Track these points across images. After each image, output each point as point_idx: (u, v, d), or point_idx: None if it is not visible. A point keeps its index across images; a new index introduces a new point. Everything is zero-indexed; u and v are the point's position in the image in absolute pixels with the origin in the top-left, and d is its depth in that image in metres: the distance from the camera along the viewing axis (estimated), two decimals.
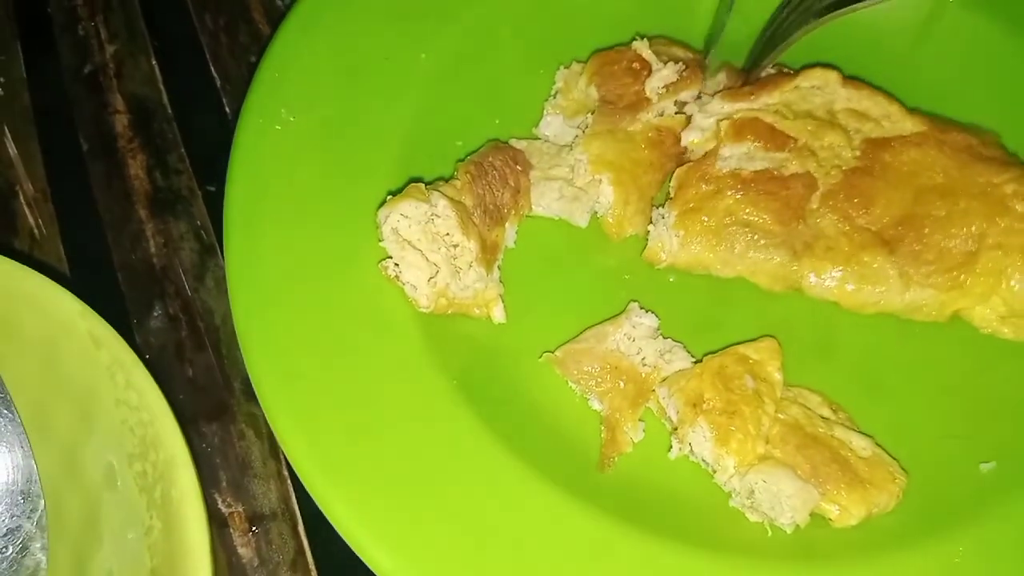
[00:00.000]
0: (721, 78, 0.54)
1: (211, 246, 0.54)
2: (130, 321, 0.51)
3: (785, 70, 0.54)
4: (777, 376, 0.47)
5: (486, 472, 0.43)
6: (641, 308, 0.49)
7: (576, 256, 0.52)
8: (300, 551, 0.46)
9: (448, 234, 0.46)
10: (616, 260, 0.52)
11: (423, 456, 0.43)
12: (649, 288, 0.51)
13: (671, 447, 0.46)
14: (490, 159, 0.50)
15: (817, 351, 0.51)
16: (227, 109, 0.59)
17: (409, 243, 0.46)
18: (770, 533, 0.44)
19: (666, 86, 0.53)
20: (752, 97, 0.52)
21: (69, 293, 0.42)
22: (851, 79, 0.54)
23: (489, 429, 0.45)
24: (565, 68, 0.56)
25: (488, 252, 0.48)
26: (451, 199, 0.47)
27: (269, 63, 0.53)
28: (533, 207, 0.52)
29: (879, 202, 0.50)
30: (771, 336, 0.49)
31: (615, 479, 0.46)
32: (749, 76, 0.54)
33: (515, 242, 0.51)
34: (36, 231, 0.54)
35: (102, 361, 0.42)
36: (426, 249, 0.46)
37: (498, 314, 0.48)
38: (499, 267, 0.50)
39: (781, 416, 0.46)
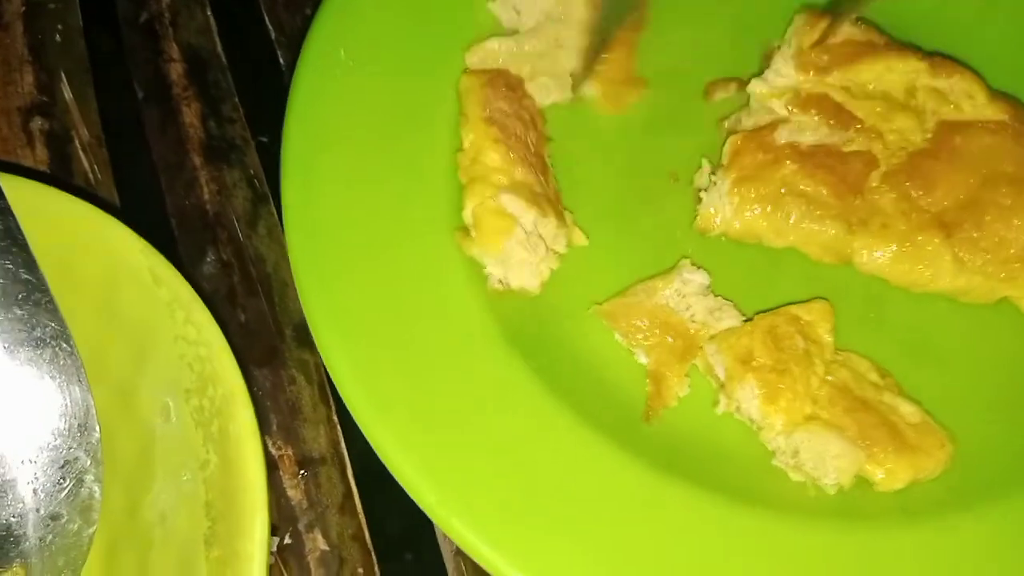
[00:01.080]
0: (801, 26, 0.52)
1: (264, 195, 0.54)
2: (183, 265, 0.52)
3: (869, 35, 0.53)
4: (828, 338, 0.47)
5: (534, 418, 0.44)
6: (692, 265, 0.49)
7: (627, 212, 0.52)
8: (348, 494, 0.46)
9: (532, 221, 0.47)
10: (667, 217, 0.52)
11: (473, 400, 0.43)
12: (700, 247, 0.51)
13: (717, 402, 0.46)
14: (496, 106, 0.49)
15: (867, 319, 0.50)
16: (281, 61, 0.59)
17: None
18: (812, 493, 0.44)
19: None
20: (825, 71, 0.51)
21: (129, 230, 0.43)
22: (939, 57, 0.53)
23: (538, 377, 0.45)
24: None
25: (555, 204, 0.48)
26: (513, 191, 0.46)
27: (329, 7, 0.53)
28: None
29: (942, 185, 0.49)
30: (823, 299, 0.48)
31: (659, 432, 0.46)
32: (830, 27, 0.52)
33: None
34: (91, 175, 0.55)
35: (162, 298, 0.42)
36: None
37: (580, 239, 0.49)
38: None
39: (830, 378, 0.45)
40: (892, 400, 0.46)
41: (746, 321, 0.47)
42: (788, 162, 0.49)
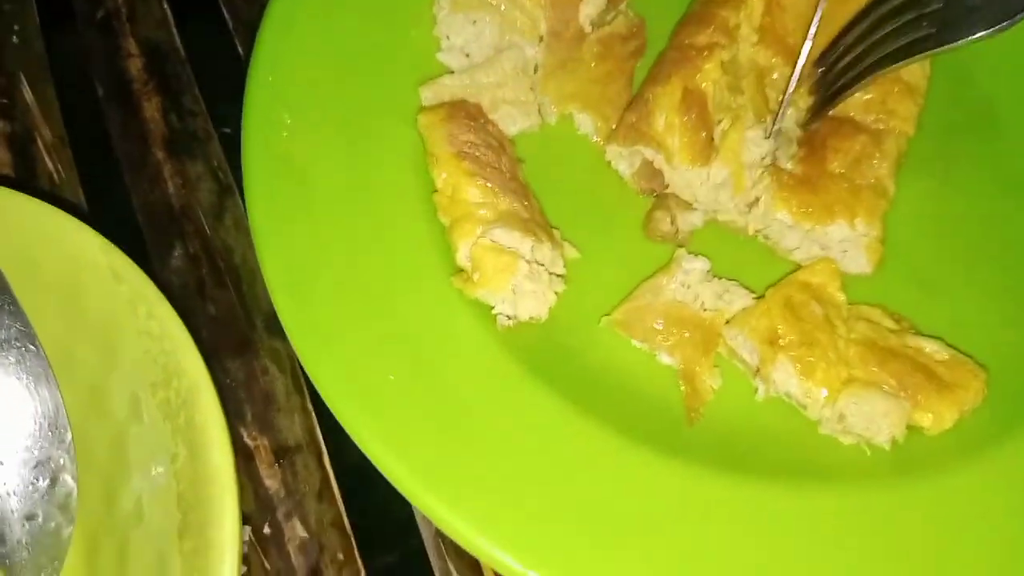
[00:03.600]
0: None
1: (228, 186, 0.54)
2: (151, 260, 0.51)
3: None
4: (840, 296, 0.47)
5: (565, 441, 0.43)
6: (689, 253, 0.48)
7: (608, 217, 0.51)
8: (326, 481, 0.46)
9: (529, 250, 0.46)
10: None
11: (492, 428, 0.43)
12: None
13: (757, 389, 0.46)
14: (463, 139, 0.47)
15: None
16: (240, 51, 0.59)
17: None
18: (868, 452, 0.44)
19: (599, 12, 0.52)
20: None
21: (89, 229, 0.43)
22: None
23: (562, 398, 0.44)
24: None
25: (544, 226, 0.47)
26: (503, 223, 0.45)
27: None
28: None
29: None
30: (825, 257, 0.48)
31: (702, 430, 0.45)
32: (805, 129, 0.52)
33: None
34: (55, 175, 0.54)
35: (123, 294, 0.42)
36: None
37: (572, 252, 0.49)
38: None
39: (852, 336, 0.45)
40: (915, 342, 0.46)
41: (757, 298, 0.47)
42: None
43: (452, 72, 0.52)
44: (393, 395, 0.42)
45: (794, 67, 0.50)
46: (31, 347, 0.42)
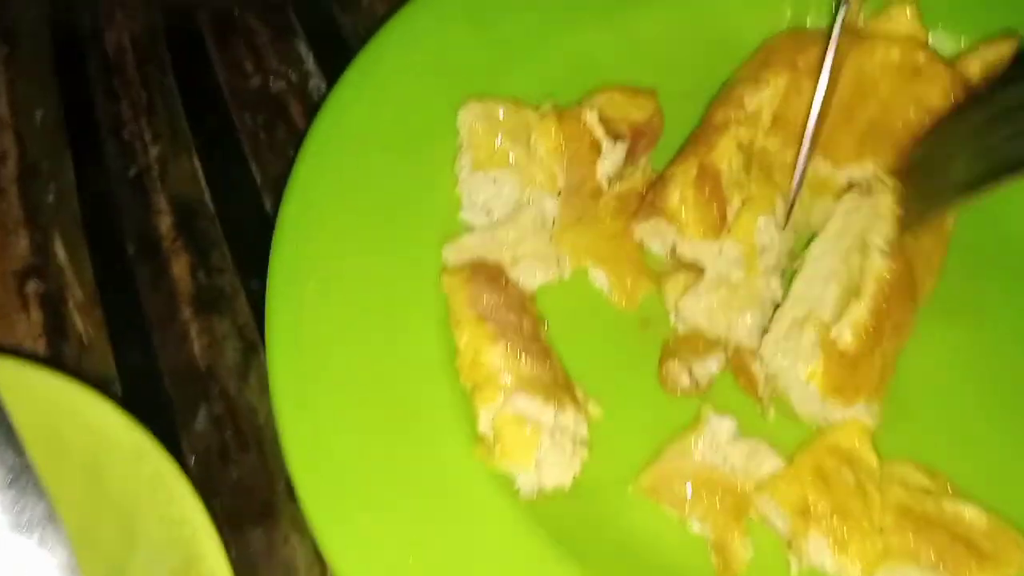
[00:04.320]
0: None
1: (253, 343, 0.54)
2: (176, 425, 0.52)
3: None
4: (872, 458, 0.45)
5: None
6: (715, 411, 0.47)
7: (630, 371, 0.50)
8: None
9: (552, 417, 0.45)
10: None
11: None
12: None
13: (791, 564, 0.44)
14: (484, 301, 0.48)
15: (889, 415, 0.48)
16: (267, 205, 0.60)
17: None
18: None
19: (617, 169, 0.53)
20: None
21: (114, 406, 0.43)
22: None
23: (588, 569, 0.42)
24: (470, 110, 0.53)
25: (568, 389, 0.47)
26: (525, 389, 0.45)
27: (307, 152, 0.53)
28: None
29: None
30: (854, 419, 0.46)
31: None
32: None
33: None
34: (85, 337, 0.55)
35: (144, 474, 0.42)
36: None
37: (595, 411, 0.48)
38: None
39: (887, 501, 0.44)
40: (952, 507, 0.44)
41: (786, 461, 0.46)
42: None
43: (474, 230, 0.52)
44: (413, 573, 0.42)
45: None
46: (53, 530, 0.42)
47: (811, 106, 0.51)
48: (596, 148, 0.52)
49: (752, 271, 0.49)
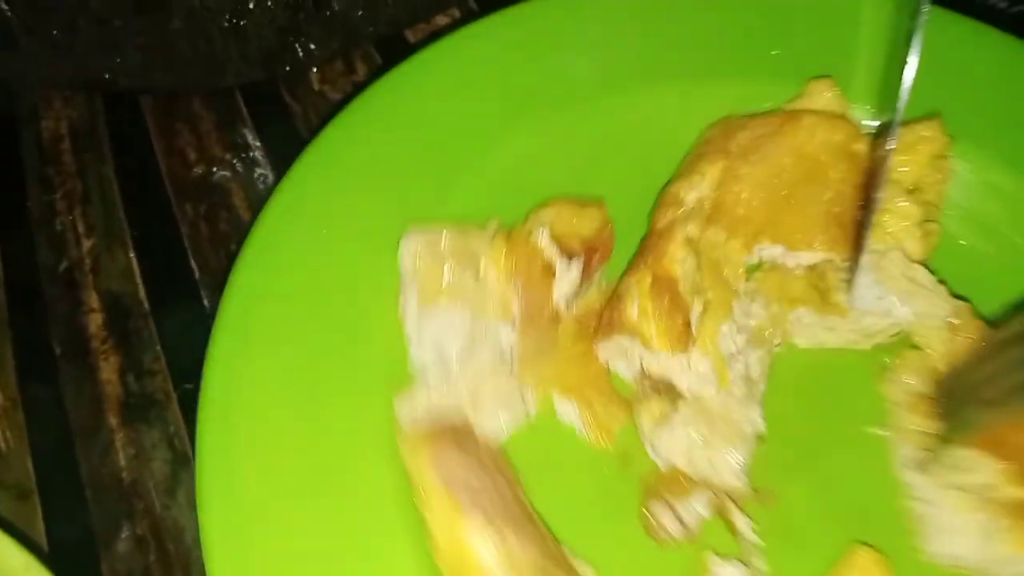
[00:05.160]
0: None
1: (184, 455, 0.51)
2: (96, 544, 0.48)
3: None
4: None
5: None
6: (719, 558, 0.44)
7: (612, 520, 0.46)
8: None
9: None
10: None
11: None
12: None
13: None
14: (453, 468, 0.43)
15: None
16: (205, 302, 0.57)
17: None
18: None
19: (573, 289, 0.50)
20: None
21: (15, 544, 0.39)
22: None
23: None
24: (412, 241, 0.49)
25: (556, 556, 0.43)
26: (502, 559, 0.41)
27: (248, 252, 0.50)
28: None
29: None
30: (862, 550, 0.44)
31: None
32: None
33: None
34: (3, 444, 0.52)
35: None
36: None
37: (588, 573, 0.44)
38: None
39: None
40: None
41: None
42: None
43: (427, 381, 0.47)
44: None
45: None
46: None
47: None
48: (550, 270, 0.48)
49: (723, 383, 0.46)
